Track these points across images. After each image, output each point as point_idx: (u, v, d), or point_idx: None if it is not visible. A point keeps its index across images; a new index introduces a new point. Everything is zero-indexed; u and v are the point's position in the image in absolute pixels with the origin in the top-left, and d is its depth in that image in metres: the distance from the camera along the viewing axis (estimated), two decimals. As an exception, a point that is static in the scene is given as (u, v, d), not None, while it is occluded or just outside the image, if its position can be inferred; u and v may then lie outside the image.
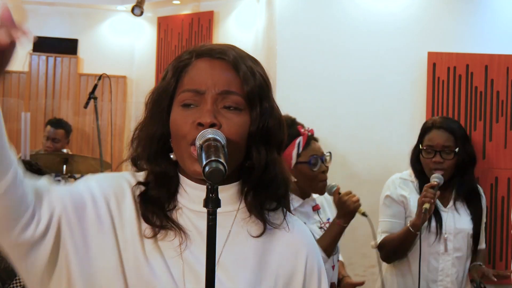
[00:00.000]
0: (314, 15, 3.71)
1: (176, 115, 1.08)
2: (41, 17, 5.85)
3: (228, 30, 5.19)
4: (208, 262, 0.93)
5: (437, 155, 2.56)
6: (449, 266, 2.57)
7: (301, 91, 3.61)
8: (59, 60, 5.82)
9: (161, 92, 1.12)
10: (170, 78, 1.11)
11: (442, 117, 2.99)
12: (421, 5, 3.69)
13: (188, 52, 1.13)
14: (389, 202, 2.65)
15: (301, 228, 1.19)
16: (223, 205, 1.03)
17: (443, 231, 2.55)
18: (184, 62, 1.12)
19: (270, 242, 1.12)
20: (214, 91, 1.06)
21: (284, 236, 1.14)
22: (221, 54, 1.10)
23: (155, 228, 1.07)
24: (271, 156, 1.10)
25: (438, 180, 2.47)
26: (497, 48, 3.58)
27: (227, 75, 1.08)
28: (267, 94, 1.12)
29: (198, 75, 1.09)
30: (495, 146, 3.49)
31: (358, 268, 3.43)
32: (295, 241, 1.15)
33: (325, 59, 3.68)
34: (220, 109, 1.07)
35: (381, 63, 3.66)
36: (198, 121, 1.04)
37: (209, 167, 0.92)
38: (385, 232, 2.62)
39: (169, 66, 1.14)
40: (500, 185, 3.47)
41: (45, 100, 5.76)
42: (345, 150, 3.63)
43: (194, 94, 1.07)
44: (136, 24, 5.81)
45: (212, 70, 1.09)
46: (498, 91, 3.50)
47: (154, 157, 1.10)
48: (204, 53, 1.11)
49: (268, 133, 1.10)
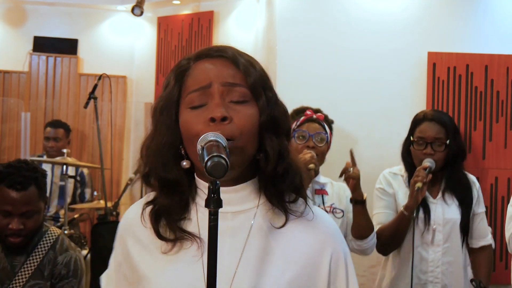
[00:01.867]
0: (314, 15, 3.71)
1: (186, 117, 1.09)
2: (41, 17, 5.84)
3: (228, 30, 5.18)
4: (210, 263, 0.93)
5: (428, 147, 2.58)
6: (439, 257, 2.58)
7: (301, 91, 3.61)
8: (59, 60, 5.81)
9: (166, 99, 1.13)
10: (173, 86, 1.12)
11: (433, 110, 3.02)
12: (421, 5, 3.69)
13: (186, 59, 1.15)
14: (381, 194, 2.69)
15: (324, 217, 1.19)
16: (243, 203, 1.09)
17: (432, 222, 2.56)
18: (184, 67, 1.13)
19: (293, 232, 1.12)
20: (219, 83, 1.08)
21: (307, 225, 1.14)
22: (220, 52, 1.12)
23: (169, 242, 1.09)
24: (282, 144, 1.12)
25: (430, 164, 2.51)
26: (497, 48, 3.58)
27: (228, 70, 1.10)
28: (269, 84, 1.15)
29: (200, 74, 1.10)
30: (495, 146, 3.49)
31: (358, 268, 3.42)
32: (319, 229, 1.15)
33: (325, 59, 3.68)
34: (228, 103, 1.07)
35: (381, 63, 3.66)
36: (210, 116, 1.04)
37: (211, 162, 0.93)
38: (379, 223, 2.64)
39: (170, 74, 1.15)
40: (500, 185, 3.47)
41: (45, 100, 5.75)
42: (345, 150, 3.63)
43: (200, 93, 1.08)
44: (136, 24, 5.80)
45: (214, 67, 1.10)
46: (498, 91, 3.50)
47: (166, 165, 1.10)
48: (202, 54, 1.13)
49: (276, 121, 1.11)
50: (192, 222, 1.12)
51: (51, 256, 2.37)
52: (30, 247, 2.35)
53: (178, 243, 1.09)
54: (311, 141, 2.52)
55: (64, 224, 4.02)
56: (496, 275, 3.41)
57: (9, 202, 2.24)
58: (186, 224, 1.12)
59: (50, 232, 2.42)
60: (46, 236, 2.39)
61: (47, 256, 2.36)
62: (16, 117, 5.59)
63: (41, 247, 2.36)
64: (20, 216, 2.26)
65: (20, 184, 2.25)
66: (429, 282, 2.58)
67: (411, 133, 2.68)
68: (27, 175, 2.27)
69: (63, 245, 2.42)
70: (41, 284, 2.32)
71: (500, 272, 3.44)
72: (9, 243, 2.28)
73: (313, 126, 2.56)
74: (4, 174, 2.26)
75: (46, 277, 2.34)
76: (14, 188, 2.24)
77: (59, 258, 2.38)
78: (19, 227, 2.25)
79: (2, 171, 2.28)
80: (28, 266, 2.32)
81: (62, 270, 2.37)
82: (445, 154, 2.60)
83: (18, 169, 2.28)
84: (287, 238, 1.11)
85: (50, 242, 2.39)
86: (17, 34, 5.82)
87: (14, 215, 2.25)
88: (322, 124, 2.60)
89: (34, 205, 2.29)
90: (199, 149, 1.00)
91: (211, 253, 0.93)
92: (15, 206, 2.24)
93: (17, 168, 2.29)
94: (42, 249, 2.36)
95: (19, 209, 2.25)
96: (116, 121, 5.69)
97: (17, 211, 2.25)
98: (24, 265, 2.32)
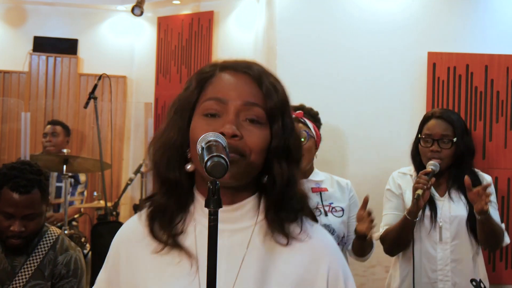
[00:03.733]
0: (314, 15, 3.71)
1: (198, 123, 1.09)
2: (41, 17, 5.85)
3: (228, 30, 5.18)
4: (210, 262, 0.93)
5: (434, 144, 2.58)
6: (448, 254, 2.57)
7: (301, 91, 3.60)
8: (59, 60, 5.81)
9: (184, 101, 1.13)
10: (194, 89, 1.12)
11: (442, 109, 3.01)
12: (421, 5, 3.69)
13: (212, 65, 1.15)
14: (390, 196, 2.71)
15: (322, 235, 1.18)
16: (242, 221, 1.09)
17: (438, 220, 2.56)
18: (209, 73, 1.13)
19: (289, 252, 1.11)
20: (238, 102, 1.08)
21: (304, 244, 1.12)
22: (246, 68, 1.12)
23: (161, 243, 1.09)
24: (292, 171, 1.11)
25: (434, 167, 2.49)
26: (497, 48, 3.58)
27: (251, 88, 1.10)
28: (288, 110, 1.14)
29: (222, 85, 1.10)
30: (495, 146, 3.49)
31: (358, 268, 3.42)
32: (316, 248, 1.14)
33: (325, 59, 3.68)
34: (242, 121, 1.07)
35: (381, 63, 3.66)
36: (221, 131, 1.04)
37: (211, 162, 0.93)
38: (387, 225, 2.65)
39: (192, 77, 1.15)
40: (500, 185, 3.47)
41: (45, 100, 5.76)
42: (345, 149, 3.63)
43: (216, 103, 1.08)
44: (136, 24, 5.80)
45: (237, 81, 1.10)
46: (498, 91, 3.50)
47: (169, 164, 1.10)
48: (229, 66, 1.13)
49: (288, 148, 1.11)
50: (188, 238, 1.11)
51: (51, 256, 2.36)
52: (30, 248, 2.35)
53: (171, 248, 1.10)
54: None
55: (64, 224, 4.03)
56: (496, 275, 3.41)
57: (12, 205, 2.24)
58: (183, 238, 1.11)
59: (50, 232, 2.42)
60: (46, 236, 2.39)
61: (47, 256, 2.36)
62: (16, 117, 5.59)
63: (41, 247, 2.36)
64: (22, 218, 2.25)
65: (24, 187, 2.24)
66: (439, 280, 2.57)
67: (420, 131, 2.69)
68: (31, 178, 2.27)
69: (63, 245, 2.41)
70: (42, 284, 2.32)
71: (500, 272, 3.44)
72: (10, 244, 2.28)
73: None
74: (8, 176, 2.26)
75: (46, 277, 2.33)
76: (17, 191, 2.24)
77: (59, 258, 2.38)
78: (21, 229, 2.25)
79: (6, 173, 2.27)
80: (29, 267, 2.32)
81: (62, 270, 2.37)
82: (452, 152, 2.58)
83: (22, 172, 2.27)
84: (284, 258, 1.11)
85: (50, 242, 2.38)
86: (17, 34, 5.82)
87: (16, 217, 2.25)
88: (303, 121, 2.53)
89: (37, 208, 2.28)
90: (199, 149, 1.00)
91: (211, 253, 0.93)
92: (17, 208, 2.24)
93: (21, 170, 2.28)
94: (42, 249, 2.36)
95: (21, 211, 2.24)
96: (116, 121, 5.69)
97: (19, 213, 2.24)
98: (25, 266, 2.31)
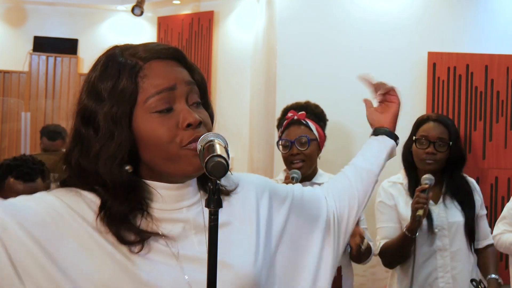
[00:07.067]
0: (314, 15, 3.71)
1: (152, 123, 1.04)
2: (41, 17, 5.85)
3: (228, 30, 5.18)
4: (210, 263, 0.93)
5: (430, 146, 2.57)
6: (448, 261, 2.56)
7: (301, 90, 3.61)
8: (59, 60, 5.82)
9: (120, 104, 1.04)
10: (127, 88, 1.04)
11: (437, 113, 3.00)
12: (421, 5, 3.69)
13: (129, 57, 1.07)
14: (382, 208, 2.64)
15: (246, 178, 1.24)
16: (193, 196, 1.11)
17: (435, 227, 2.55)
18: (135, 68, 1.05)
19: (231, 206, 1.16)
20: (183, 85, 1.07)
21: (238, 193, 1.19)
22: (166, 51, 1.09)
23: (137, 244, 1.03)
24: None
25: (429, 182, 2.44)
26: (497, 48, 3.58)
27: (181, 69, 1.10)
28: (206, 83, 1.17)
29: (159, 75, 1.06)
30: (495, 146, 3.49)
31: (358, 268, 3.42)
32: (245, 190, 1.21)
33: (325, 58, 3.68)
34: (191, 106, 1.07)
35: (381, 63, 3.66)
36: (187, 122, 1.03)
37: (212, 162, 0.93)
38: (384, 238, 2.60)
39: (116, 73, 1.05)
40: (500, 185, 3.47)
41: (45, 100, 5.76)
42: (345, 149, 3.63)
43: (164, 96, 1.04)
44: (136, 24, 5.81)
45: (171, 68, 1.08)
46: (498, 91, 3.50)
47: (118, 168, 1.04)
48: (150, 55, 1.07)
49: (212, 120, 1.14)
50: (147, 222, 1.06)
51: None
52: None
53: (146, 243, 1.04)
54: (294, 148, 2.41)
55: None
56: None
57: (17, 193, 2.25)
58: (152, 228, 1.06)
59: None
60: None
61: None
62: (16, 117, 5.59)
63: None
64: None
65: (28, 175, 2.29)
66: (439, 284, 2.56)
67: (414, 133, 2.67)
68: (34, 167, 2.32)
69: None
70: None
71: (500, 272, 3.43)
72: None
73: (295, 130, 2.45)
74: (12, 166, 2.31)
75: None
76: (21, 179, 2.29)
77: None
78: None
79: (10, 163, 2.32)
80: None
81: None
82: (446, 155, 2.58)
83: (25, 161, 2.33)
84: (234, 207, 1.17)
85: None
86: (17, 34, 5.82)
87: None
88: (305, 123, 2.49)
89: None
90: (199, 149, 1.00)
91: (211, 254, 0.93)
92: None
93: (24, 160, 2.34)
94: None
95: None
96: (116, 121, 5.69)
97: None
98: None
